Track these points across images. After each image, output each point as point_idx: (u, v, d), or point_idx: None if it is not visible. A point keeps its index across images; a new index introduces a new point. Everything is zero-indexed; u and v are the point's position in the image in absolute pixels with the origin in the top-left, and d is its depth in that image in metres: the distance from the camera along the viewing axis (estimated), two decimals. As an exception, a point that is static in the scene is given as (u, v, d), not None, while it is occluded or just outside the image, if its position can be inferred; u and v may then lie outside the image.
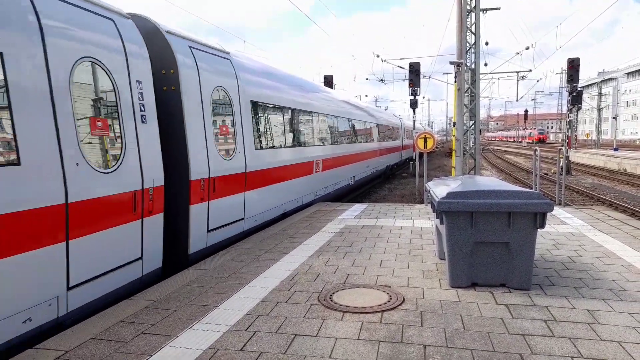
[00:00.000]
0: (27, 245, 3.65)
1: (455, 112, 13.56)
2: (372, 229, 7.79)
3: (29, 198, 3.64)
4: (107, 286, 4.60)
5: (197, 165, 6.16)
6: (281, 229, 7.88)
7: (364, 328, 3.74)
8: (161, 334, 3.69)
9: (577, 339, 3.49)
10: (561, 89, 60.69)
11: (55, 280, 3.97)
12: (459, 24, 13.20)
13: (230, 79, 7.36)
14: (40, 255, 3.77)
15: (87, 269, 4.31)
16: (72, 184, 4.08)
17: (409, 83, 17.23)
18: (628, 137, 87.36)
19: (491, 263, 4.64)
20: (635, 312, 3.99)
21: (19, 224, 3.56)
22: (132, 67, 5.06)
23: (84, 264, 4.26)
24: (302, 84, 11.46)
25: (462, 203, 4.48)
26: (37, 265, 3.75)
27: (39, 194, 3.75)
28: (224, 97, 7.15)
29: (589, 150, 41.08)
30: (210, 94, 6.69)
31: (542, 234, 7.12)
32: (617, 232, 7.17)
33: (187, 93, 6.11)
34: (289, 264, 5.66)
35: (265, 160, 8.28)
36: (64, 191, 3.99)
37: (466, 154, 15.47)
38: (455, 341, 3.48)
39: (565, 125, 27.19)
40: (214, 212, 6.61)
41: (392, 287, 4.75)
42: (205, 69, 6.64)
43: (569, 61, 21.14)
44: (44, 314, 3.88)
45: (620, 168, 27.78)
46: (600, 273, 5.11)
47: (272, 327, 3.78)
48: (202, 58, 6.63)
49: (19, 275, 3.60)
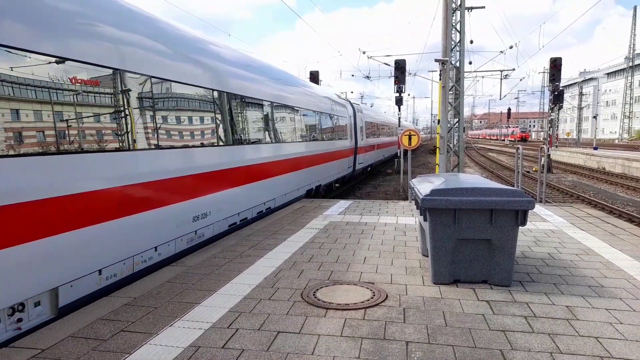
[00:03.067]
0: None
1: (440, 109, 13.66)
2: (357, 225, 7.81)
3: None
4: (350, 170, 18.02)
5: (359, 142, 19.09)
6: (265, 225, 7.84)
7: (347, 325, 3.74)
8: (141, 331, 3.63)
9: (556, 335, 3.54)
10: (543, 88, 61.66)
11: (349, 164, 17.50)
12: (444, 22, 13.27)
13: (361, 114, 20.74)
14: (348, 159, 15.84)
15: (349, 164, 17.73)
16: (349, 145, 17.60)
17: (395, 80, 17.27)
18: (607, 136, 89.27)
19: (473, 260, 4.68)
20: (612, 308, 4.07)
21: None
22: (351, 115, 18.43)
23: (349, 163, 17.95)
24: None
25: (445, 200, 4.51)
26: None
27: (351, 146, 17.50)
28: (361, 120, 20.29)
29: (569, 148, 41.86)
30: (359, 120, 19.63)
31: (523, 231, 7.22)
32: (596, 230, 7.31)
33: (358, 119, 19.23)
34: (273, 260, 5.63)
35: (368, 142, 22.82)
36: (350, 145, 17.83)
37: (450, 151, 15.61)
38: (437, 337, 3.50)
39: (547, 124, 27.65)
40: (358, 159, 19.07)
41: (376, 283, 4.77)
42: (357, 111, 19.89)
43: (552, 61, 21.45)
44: (347, 172, 16.83)
45: (600, 166, 28.38)
46: (579, 270, 5.20)
47: (255, 324, 3.76)
48: (356, 108, 19.94)
49: (349, 160, 16.84)
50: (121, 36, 5.02)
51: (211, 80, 7.02)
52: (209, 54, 7.26)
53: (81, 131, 4.42)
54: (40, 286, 3.91)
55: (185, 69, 6.28)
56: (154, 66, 5.53)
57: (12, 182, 3.62)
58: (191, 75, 6.43)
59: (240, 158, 7.79)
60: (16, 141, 3.74)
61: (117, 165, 4.79)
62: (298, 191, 11.12)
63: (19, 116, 3.81)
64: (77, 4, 4.52)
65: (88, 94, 4.50)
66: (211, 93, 6.99)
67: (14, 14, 3.78)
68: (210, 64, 7.18)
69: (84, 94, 4.44)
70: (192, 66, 6.52)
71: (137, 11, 5.71)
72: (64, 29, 4.26)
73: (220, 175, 7.07)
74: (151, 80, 5.47)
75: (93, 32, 4.62)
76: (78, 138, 4.36)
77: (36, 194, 3.81)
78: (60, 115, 4.18)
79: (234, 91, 7.81)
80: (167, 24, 6.42)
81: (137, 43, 5.32)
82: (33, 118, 3.93)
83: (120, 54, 4.94)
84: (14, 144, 3.73)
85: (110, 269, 4.77)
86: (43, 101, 4.02)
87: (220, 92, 7.27)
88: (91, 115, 4.55)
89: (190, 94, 6.41)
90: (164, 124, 5.73)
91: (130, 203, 4.96)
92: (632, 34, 76.58)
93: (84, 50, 4.43)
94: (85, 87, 4.46)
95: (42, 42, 3.99)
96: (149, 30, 5.71)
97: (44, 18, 4.06)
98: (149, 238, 5.36)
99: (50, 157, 4.01)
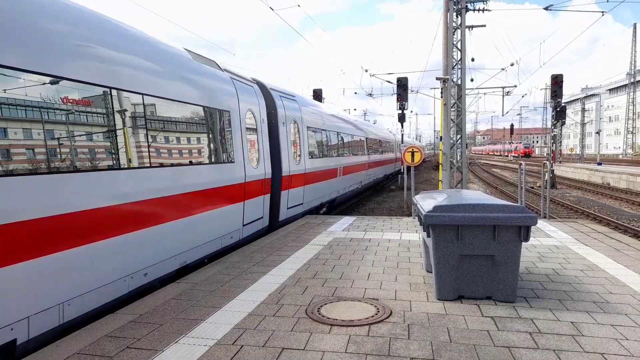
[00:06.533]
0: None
1: (442, 126, 13.75)
2: (361, 241, 7.82)
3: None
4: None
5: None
6: (269, 241, 7.87)
7: (352, 341, 3.74)
8: (147, 348, 3.65)
9: (562, 351, 3.54)
10: (545, 104, 61.90)
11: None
12: (445, 41, 13.47)
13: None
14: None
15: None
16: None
17: (397, 97, 17.45)
18: (611, 151, 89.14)
19: (477, 276, 4.69)
20: (617, 324, 4.05)
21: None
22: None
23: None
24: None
25: (448, 216, 4.54)
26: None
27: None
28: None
29: (573, 164, 41.82)
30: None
31: (527, 246, 7.22)
32: (601, 245, 7.29)
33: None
34: (277, 277, 5.65)
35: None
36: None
37: (453, 167, 15.67)
38: (442, 354, 3.50)
39: (550, 139, 27.70)
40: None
41: (380, 300, 4.77)
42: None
43: (553, 77, 21.63)
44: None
45: (604, 182, 28.31)
46: (584, 285, 5.19)
47: (260, 341, 3.77)
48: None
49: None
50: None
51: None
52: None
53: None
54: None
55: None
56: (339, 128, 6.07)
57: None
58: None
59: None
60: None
61: (327, 161, 7.21)
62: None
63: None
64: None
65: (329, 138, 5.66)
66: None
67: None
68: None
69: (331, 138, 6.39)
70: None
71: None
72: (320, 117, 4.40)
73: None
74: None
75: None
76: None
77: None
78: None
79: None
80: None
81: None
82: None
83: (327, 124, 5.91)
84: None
85: (325, 197, 8.39)
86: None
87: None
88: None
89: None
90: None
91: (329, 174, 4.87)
92: (632, 51, 77.06)
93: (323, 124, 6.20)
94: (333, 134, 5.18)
95: (320, 125, 6.91)
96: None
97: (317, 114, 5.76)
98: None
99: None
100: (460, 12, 15.55)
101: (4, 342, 3.62)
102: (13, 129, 3.84)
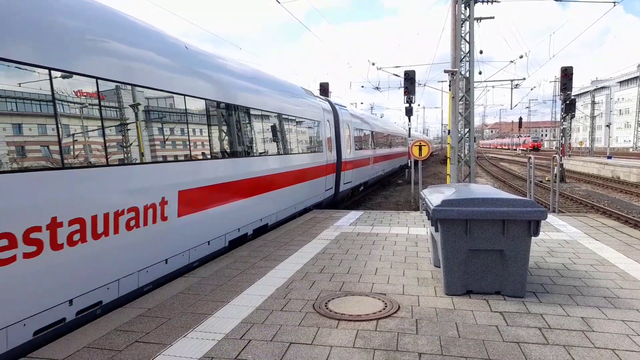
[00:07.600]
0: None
1: (450, 120, 13.65)
2: (368, 236, 7.80)
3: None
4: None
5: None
6: (276, 236, 7.87)
7: (359, 336, 3.73)
8: (155, 342, 3.67)
9: (572, 347, 3.50)
10: (555, 97, 61.25)
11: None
12: (453, 33, 13.33)
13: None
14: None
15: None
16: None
17: (404, 91, 17.30)
18: (621, 144, 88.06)
19: (486, 271, 4.66)
20: (628, 320, 4.01)
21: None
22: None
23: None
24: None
25: (456, 211, 4.50)
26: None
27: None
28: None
29: (582, 157, 41.39)
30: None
31: (537, 241, 7.15)
32: (611, 240, 7.21)
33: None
34: (285, 271, 5.65)
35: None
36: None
37: (461, 161, 15.56)
38: (450, 349, 3.48)
39: (559, 133, 27.40)
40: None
41: (388, 294, 4.75)
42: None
43: (563, 70, 21.33)
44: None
45: (614, 175, 28.00)
46: (594, 280, 5.13)
47: (267, 335, 3.77)
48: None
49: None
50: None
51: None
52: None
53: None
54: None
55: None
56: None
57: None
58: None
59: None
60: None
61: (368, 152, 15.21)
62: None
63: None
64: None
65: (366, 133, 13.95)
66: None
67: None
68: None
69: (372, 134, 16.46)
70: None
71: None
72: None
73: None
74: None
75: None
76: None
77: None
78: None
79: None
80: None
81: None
82: None
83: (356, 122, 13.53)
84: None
85: (370, 177, 18.70)
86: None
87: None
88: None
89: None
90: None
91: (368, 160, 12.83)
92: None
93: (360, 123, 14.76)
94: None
95: (359, 125, 13.20)
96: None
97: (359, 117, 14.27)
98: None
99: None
100: (468, 4, 15.37)
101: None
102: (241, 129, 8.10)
